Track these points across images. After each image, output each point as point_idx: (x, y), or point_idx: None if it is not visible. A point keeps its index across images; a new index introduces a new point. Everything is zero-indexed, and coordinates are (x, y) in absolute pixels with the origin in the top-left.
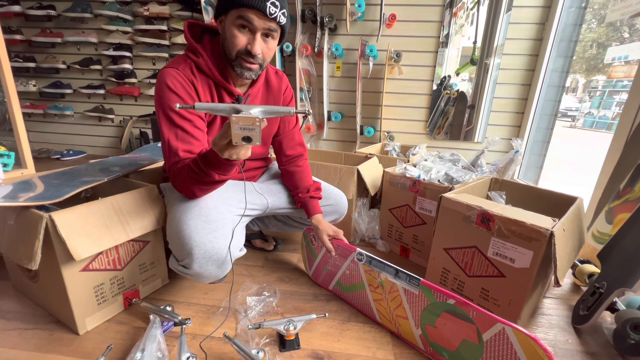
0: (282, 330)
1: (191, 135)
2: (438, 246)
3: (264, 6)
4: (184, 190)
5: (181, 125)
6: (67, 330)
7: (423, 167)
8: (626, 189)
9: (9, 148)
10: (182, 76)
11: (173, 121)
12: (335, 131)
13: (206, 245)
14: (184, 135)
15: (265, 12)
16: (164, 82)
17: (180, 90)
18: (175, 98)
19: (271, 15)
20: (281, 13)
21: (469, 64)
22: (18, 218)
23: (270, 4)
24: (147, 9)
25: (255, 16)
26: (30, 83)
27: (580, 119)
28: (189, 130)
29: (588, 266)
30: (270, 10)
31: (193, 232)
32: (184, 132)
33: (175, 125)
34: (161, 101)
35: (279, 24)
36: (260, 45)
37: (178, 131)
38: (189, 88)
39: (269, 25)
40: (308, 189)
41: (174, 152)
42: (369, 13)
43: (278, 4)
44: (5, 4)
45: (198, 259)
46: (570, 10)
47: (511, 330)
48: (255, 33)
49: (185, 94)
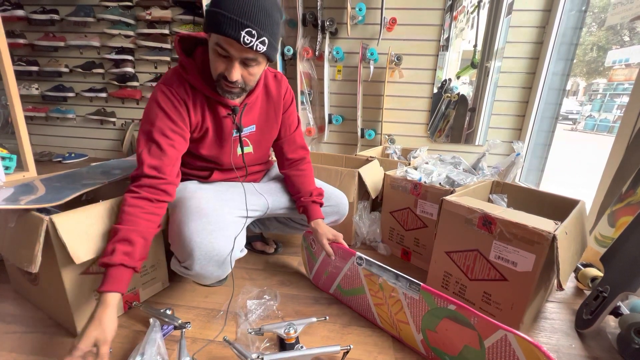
0: (283, 333)
1: (163, 152)
2: (439, 249)
3: (238, 36)
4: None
5: (157, 141)
6: (66, 333)
7: (424, 170)
8: (628, 192)
9: (11, 151)
10: (174, 96)
11: (151, 136)
12: (336, 134)
13: (207, 246)
14: (156, 151)
15: (239, 42)
16: (155, 98)
17: (170, 109)
18: (161, 115)
19: (246, 44)
20: (259, 42)
21: (469, 67)
22: (19, 221)
23: (245, 33)
24: (150, 13)
25: (229, 46)
26: (32, 86)
27: (581, 122)
28: (164, 147)
29: (591, 270)
30: (244, 40)
31: (194, 233)
32: (158, 148)
33: (151, 140)
34: (147, 115)
35: (259, 52)
36: (238, 71)
37: (152, 146)
38: (180, 108)
39: (245, 55)
40: (311, 193)
41: (141, 163)
42: (370, 17)
43: (255, 32)
44: (9, 8)
45: (199, 260)
46: (570, 13)
47: (513, 337)
48: (233, 61)
49: (173, 113)
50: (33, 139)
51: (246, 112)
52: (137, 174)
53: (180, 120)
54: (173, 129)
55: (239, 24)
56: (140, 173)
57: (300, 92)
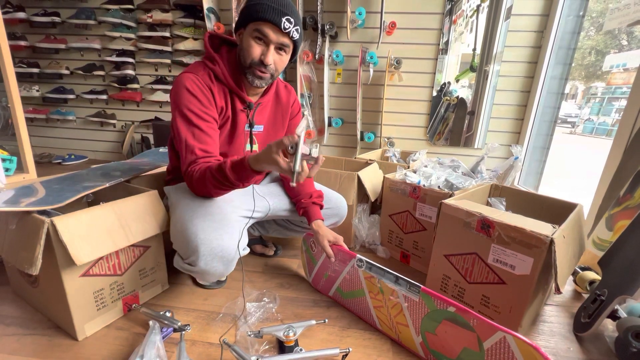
0: (282, 336)
1: (207, 135)
2: (438, 252)
3: (279, 21)
4: (200, 190)
5: (198, 125)
6: (66, 335)
7: (423, 173)
8: (626, 196)
9: (11, 152)
10: (200, 82)
11: (191, 121)
12: (336, 137)
13: (212, 243)
14: (201, 135)
15: (280, 27)
16: (183, 85)
17: (199, 93)
18: (194, 100)
19: (285, 30)
20: (295, 29)
21: (468, 71)
22: (19, 223)
23: (285, 20)
24: (151, 16)
25: (270, 30)
26: (33, 88)
27: (580, 125)
28: (205, 130)
29: (589, 273)
30: (284, 25)
31: (199, 230)
32: (201, 132)
33: (192, 125)
34: (179, 102)
35: (292, 39)
36: (273, 56)
37: (195, 130)
38: (207, 92)
39: (282, 40)
40: (311, 195)
41: (191, 150)
42: (370, 20)
43: (292, 20)
44: (10, 10)
45: (204, 256)
46: (568, 18)
47: (512, 338)
48: (269, 45)
49: (203, 97)
50: (33, 141)
51: (258, 111)
52: (194, 159)
53: (209, 104)
54: (207, 112)
55: (280, 12)
56: (195, 158)
57: (300, 95)
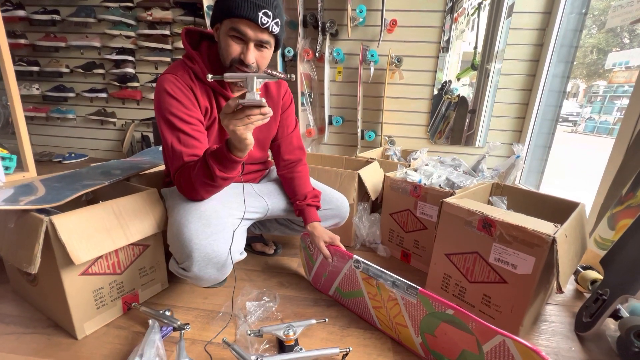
0: (282, 335)
1: (193, 138)
2: (439, 251)
3: (256, 17)
4: (190, 192)
5: (182, 129)
6: (65, 334)
7: (424, 171)
8: (628, 195)
9: (11, 151)
10: (180, 82)
11: (174, 125)
12: (336, 135)
13: (206, 248)
14: (187, 139)
15: (257, 23)
16: (163, 88)
17: (180, 95)
18: (175, 103)
19: (263, 25)
20: (274, 23)
21: (469, 69)
22: (18, 221)
23: (262, 14)
24: (150, 14)
25: (247, 27)
26: (33, 87)
27: (581, 124)
28: (191, 133)
29: (591, 272)
30: (262, 20)
31: (193, 235)
32: (186, 136)
33: (176, 129)
34: (161, 107)
35: (272, 34)
36: (253, 54)
37: (180, 135)
38: (188, 93)
39: (261, 37)
40: (305, 196)
41: (178, 156)
42: (370, 18)
43: (271, 13)
44: (10, 8)
45: (198, 262)
46: (570, 16)
47: (512, 342)
48: (249, 43)
49: (185, 99)
50: (33, 139)
51: None
52: (180, 164)
53: (192, 105)
54: (190, 114)
55: (256, 6)
56: (182, 163)
57: (301, 93)
